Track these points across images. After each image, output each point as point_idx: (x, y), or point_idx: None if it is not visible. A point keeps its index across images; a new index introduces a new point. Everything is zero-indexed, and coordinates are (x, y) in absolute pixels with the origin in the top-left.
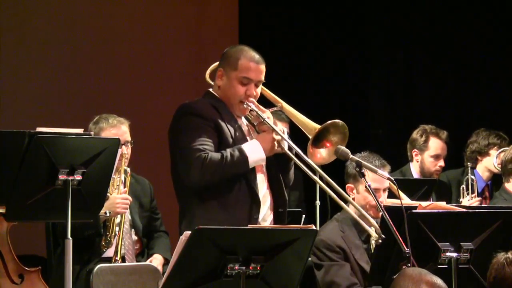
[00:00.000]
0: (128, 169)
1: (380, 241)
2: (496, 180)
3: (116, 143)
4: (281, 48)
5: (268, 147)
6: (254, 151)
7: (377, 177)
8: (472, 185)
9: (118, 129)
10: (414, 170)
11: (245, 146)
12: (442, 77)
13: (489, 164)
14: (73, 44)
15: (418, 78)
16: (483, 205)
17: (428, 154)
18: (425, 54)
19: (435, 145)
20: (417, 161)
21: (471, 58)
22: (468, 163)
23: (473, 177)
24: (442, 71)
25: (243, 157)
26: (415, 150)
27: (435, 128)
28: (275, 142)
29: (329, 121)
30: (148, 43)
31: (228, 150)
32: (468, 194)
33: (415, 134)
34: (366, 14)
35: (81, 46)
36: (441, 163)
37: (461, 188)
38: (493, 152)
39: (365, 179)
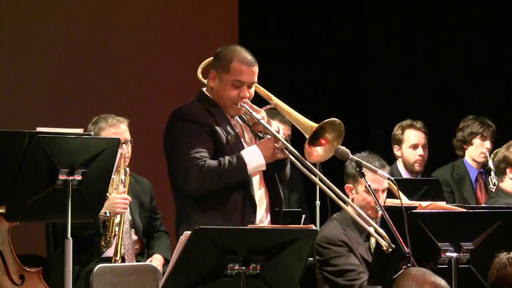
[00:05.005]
0: (128, 169)
1: (390, 250)
2: (489, 168)
3: (116, 143)
4: (280, 47)
5: (268, 154)
6: (254, 158)
7: (376, 177)
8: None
9: (117, 128)
10: (401, 167)
11: (244, 153)
12: (443, 77)
13: (472, 153)
14: (72, 44)
15: (419, 78)
16: (483, 205)
17: (406, 146)
18: (426, 53)
19: (411, 135)
20: (400, 156)
21: (472, 57)
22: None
23: (494, 180)
24: (443, 70)
25: (242, 164)
26: (396, 145)
27: (411, 120)
28: (276, 150)
29: (326, 120)
30: (148, 43)
31: (227, 158)
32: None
33: (394, 131)
34: (366, 12)
35: (80, 46)
36: (419, 152)
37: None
38: (476, 141)
39: (365, 179)
